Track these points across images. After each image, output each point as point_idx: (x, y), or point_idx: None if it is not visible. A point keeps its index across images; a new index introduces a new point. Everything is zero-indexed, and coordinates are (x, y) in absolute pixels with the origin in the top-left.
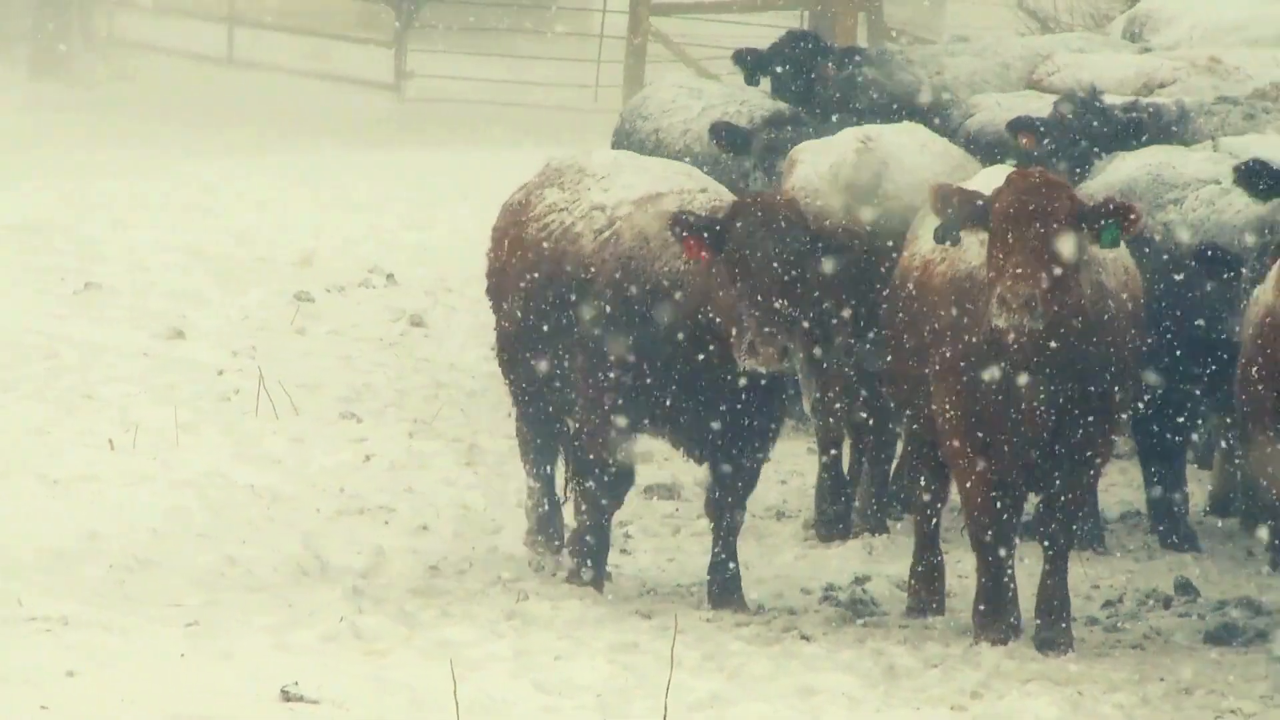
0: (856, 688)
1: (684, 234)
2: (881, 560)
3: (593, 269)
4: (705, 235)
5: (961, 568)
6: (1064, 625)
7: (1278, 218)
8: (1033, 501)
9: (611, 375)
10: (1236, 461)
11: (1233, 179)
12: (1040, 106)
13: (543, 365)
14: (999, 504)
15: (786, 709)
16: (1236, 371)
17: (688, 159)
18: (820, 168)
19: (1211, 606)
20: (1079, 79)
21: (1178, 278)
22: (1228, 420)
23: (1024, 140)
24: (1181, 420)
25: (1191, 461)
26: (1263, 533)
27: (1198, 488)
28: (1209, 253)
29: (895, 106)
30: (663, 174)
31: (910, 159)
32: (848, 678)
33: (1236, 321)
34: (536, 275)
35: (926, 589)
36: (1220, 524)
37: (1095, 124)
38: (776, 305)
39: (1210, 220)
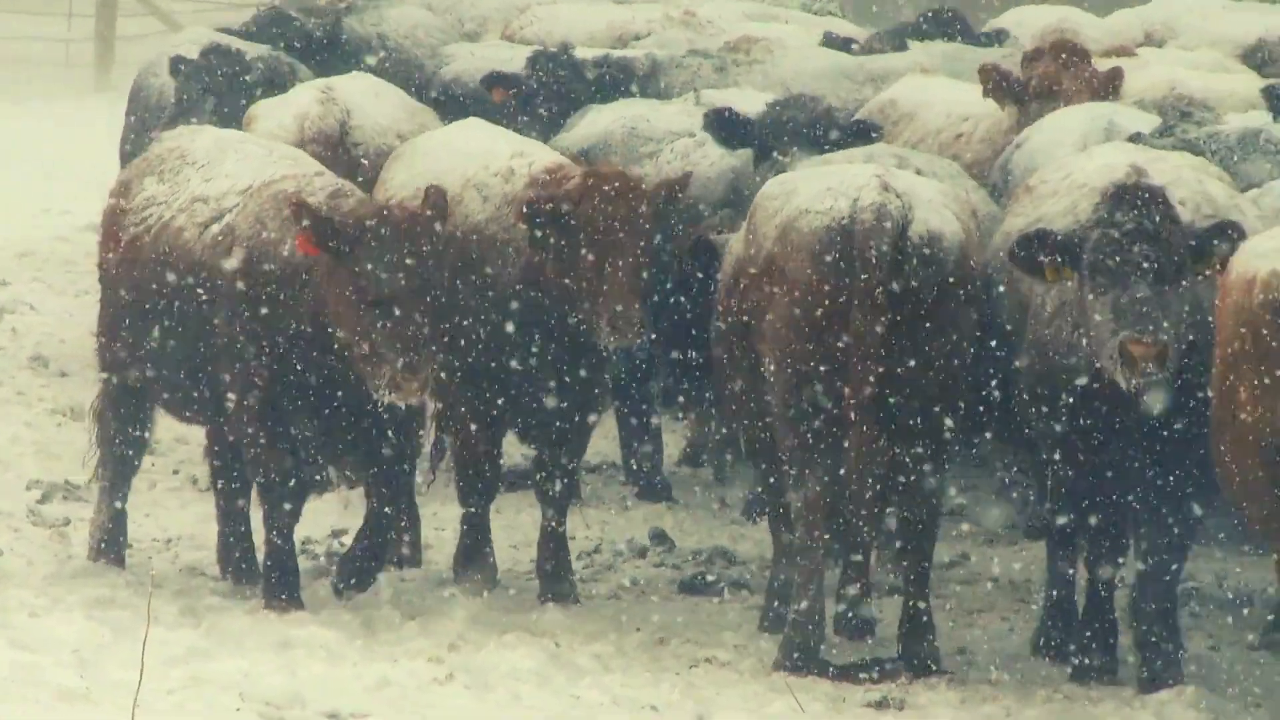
0: (335, 641)
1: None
2: (358, 514)
3: (209, 267)
4: (329, 237)
5: (438, 520)
6: (568, 577)
7: (750, 169)
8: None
9: (263, 380)
10: (711, 413)
11: (703, 126)
12: (512, 58)
13: (150, 370)
14: (483, 458)
15: (264, 663)
16: (711, 323)
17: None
18: (284, 120)
19: (686, 556)
20: (551, 32)
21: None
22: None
23: (497, 94)
24: (655, 372)
25: (666, 412)
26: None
27: (672, 439)
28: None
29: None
30: (270, 159)
31: (370, 105)
32: (326, 631)
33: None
34: (140, 276)
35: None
36: (694, 475)
37: (567, 77)
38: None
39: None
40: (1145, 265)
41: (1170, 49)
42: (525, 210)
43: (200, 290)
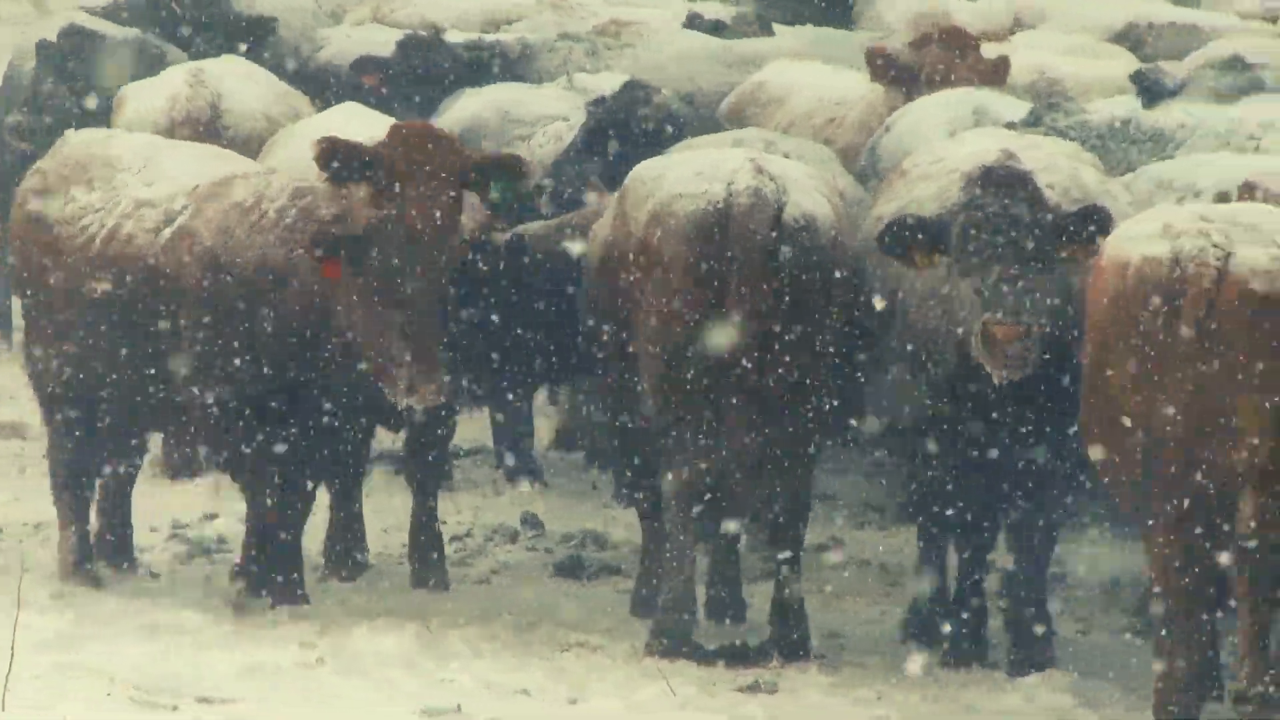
0: (204, 625)
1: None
2: (230, 498)
3: (167, 273)
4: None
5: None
6: (439, 562)
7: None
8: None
9: (224, 387)
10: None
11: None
12: (387, 41)
13: (100, 383)
14: (349, 444)
15: (133, 647)
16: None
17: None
18: (155, 102)
19: (558, 540)
20: (423, 15)
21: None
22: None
23: (368, 79)
24: (525, 357)
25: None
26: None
27: (545, 422)
28: None
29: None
30: (206, 158)
31: (242, 89)
32: (195, 615)
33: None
34: (85, 284)
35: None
36: (565, 458)
37: (438, 61)
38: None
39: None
40: (1009, 248)
41: (1042, 32)
42: (318, 150)
43: (156, 294)
